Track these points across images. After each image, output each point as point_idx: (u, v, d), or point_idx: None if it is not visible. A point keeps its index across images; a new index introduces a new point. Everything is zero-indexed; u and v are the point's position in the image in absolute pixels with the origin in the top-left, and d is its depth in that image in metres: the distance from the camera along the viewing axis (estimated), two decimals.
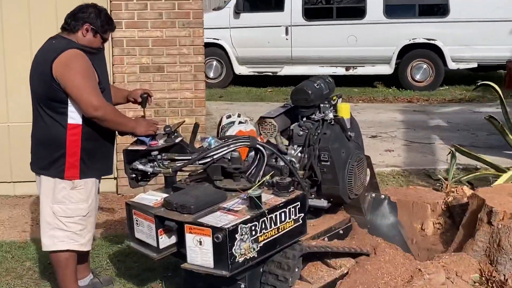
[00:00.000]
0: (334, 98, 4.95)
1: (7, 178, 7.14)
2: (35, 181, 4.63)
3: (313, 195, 4.79)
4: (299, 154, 4.78)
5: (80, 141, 4.36)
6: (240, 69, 15.11)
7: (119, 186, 7.16)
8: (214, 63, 15.06)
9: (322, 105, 4.84)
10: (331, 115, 4.79)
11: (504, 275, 4.67)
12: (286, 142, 4.93)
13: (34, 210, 6.58)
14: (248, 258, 3.99)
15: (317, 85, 4.84)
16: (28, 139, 4.55)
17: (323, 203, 4.80)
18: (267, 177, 4.42)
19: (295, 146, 4.82)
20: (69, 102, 4.28)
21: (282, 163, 4.65)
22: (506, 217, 4.78)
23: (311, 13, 14.64)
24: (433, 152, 9.00)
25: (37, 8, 6.94)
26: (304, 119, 4.86)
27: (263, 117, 4.93)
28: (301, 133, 4.82)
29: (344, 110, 4.89)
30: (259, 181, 4.39)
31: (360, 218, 5.13)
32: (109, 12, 5.15)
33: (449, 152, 7.09)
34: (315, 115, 4.83)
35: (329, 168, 4.70)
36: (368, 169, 5.20)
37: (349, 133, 4.85)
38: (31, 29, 6.87)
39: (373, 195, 5.28)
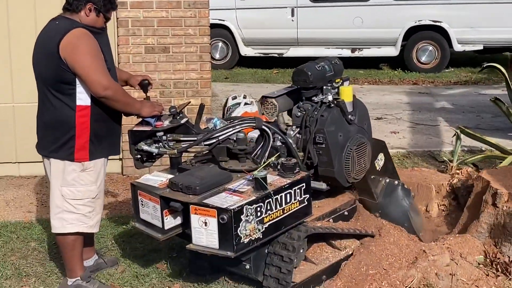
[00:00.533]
0: (338, 80, 4.91)
1: (12, 159, 7.14)
2: (40, 162, 4.63)
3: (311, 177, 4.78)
4: (297, 135, 4.76)
5: (89, 122, 4.32)
6: (246, 51, 15.03)
7: (124, 167, 7.17)
8: (220, 44, 14.99)
9: (325, 87, 4.82)
10: (330, 98, 4.75)
11: (509, 257, 4.67)
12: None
13: (39, 191, 6.60)
14: (253, 239, 4.00)
15: (319, 66, 4.81)
16: (33, 119, 4.54)
17: (321, 185, 4.78)
18: (273, 158, 4.42)
19: (294, 127, 4.81)
20: (77, 83, 4.24)
21: (279, 143, 4.64)
22: (511, 199, 4.78)
23: None
24: (438, 134, 8.97)
25: None
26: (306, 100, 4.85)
27: (265, 96, 4.92)
28: (299, 114, 4.81)
29: (346, 92, 4.83)
30: (264, 162, 4.39)
31: (371, 203, 5.12)
32: None
33: (454, 134, 7.06)
34: (316, 97, 4.81)
35: (325, 150, 4.68)
36: (382, 154, 5.19)
37: (350, 116, 4.79)
38: (36, 9, 6.83)
39: (387, 180, 5.26)
